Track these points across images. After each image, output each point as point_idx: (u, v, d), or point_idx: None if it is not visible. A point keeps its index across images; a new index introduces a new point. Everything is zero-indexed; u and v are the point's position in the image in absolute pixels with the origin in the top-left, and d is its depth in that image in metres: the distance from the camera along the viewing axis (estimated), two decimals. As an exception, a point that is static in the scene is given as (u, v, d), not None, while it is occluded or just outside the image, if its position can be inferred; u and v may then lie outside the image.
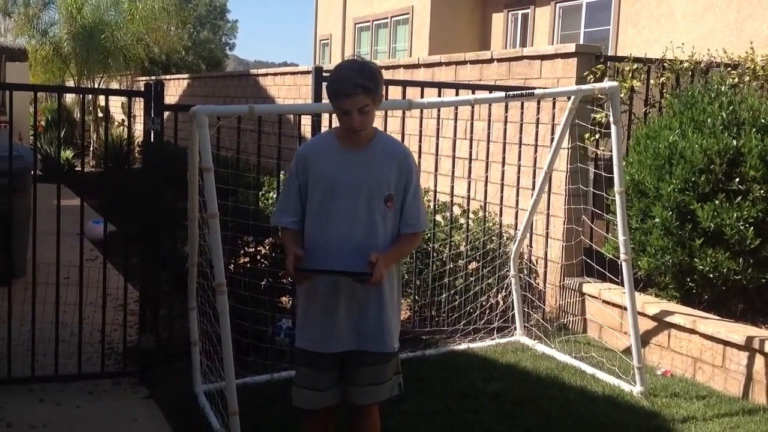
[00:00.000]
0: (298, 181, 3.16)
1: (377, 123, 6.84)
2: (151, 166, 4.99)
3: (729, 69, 6.59)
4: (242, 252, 5.56)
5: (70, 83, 17.85)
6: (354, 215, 3.06)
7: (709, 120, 5.49)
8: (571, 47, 6.41)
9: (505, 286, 6.19)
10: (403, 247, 3.20)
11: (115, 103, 19.52)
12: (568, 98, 5.43)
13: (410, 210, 3.14)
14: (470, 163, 6.31)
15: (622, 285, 5.05)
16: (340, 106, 3.00)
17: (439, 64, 8.02)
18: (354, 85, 2.94)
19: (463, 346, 5.72)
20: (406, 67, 8.60)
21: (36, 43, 17.38)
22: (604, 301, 5.94)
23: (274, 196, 6.34)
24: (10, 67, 14.08)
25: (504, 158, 6.36)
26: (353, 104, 2.97)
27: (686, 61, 6.64)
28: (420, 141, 6.04)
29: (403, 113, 6.03)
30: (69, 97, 21.29)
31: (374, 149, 3.13)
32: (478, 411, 4.47)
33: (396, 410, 4.19)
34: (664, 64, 6.62)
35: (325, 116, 5.73)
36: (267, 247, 5.65)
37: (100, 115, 17.47)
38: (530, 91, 5.37)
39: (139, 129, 10.44)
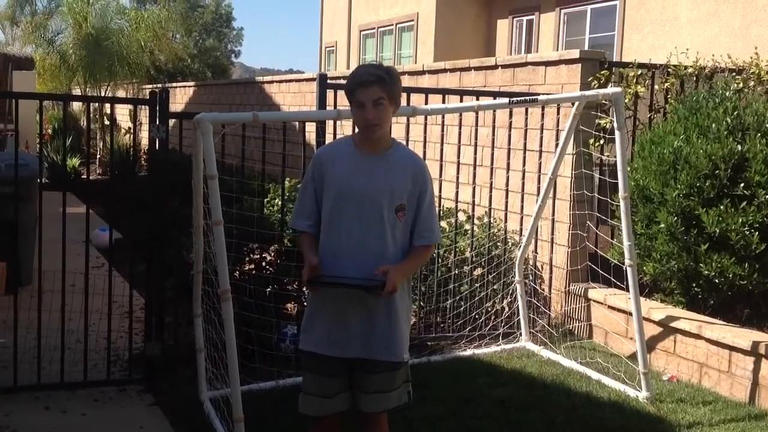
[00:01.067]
0: (313, 184, 3.17)
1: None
2: (156, 173, 5.01)
3: (734, 74, 6.58)
4: (247, 259, 5.57)
5: (77, 91, 17.93)
6: (364, 222, 3.06)
7: (713, 125, 5.48)
8: (575, 53, 6.42)
9: (510, 292, 6.19)
10: (416, 259, 3.18)
11: (122, 111, 19.59)
12: (573, 104, 5.43)
13: (424, 222, 3.14)
14: (475, 169, 6.32)
15: (628, 290, 5.04)
16: (356, 97, 3.01)
17: (444, 70, 8.03)
18: (369, 74, 2.98)
19: (468, 352, 5.71)
20: (411, 73, 8.61)
21: (43, 52, 17.46)
22: (609, 307, 5.94)
23: (279, 203, 6.36)
24: (17, 75, 14.17)
25: (508, 164, 6.37)
26: (368, 95, 2.98)
27: (691, 66, 6.64)
28: (424, 147, 6.04)
29: (408, 120, 6.03)
30: (76, 106, 21.37)
31: (390, 158, 3.13)
32: (483, 417, 4.47)
33: (400, 417, 4.19)
34: (669, 69, 6.62)
35: (330, 123, 5.75)
36: (272, 254, 5.66)
37: (107, 123, 17.53)
38: (534, 97, 5.38)
39: (145, 137, 10.49)
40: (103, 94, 17.31)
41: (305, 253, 3.13)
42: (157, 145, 4.88)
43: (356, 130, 3.17)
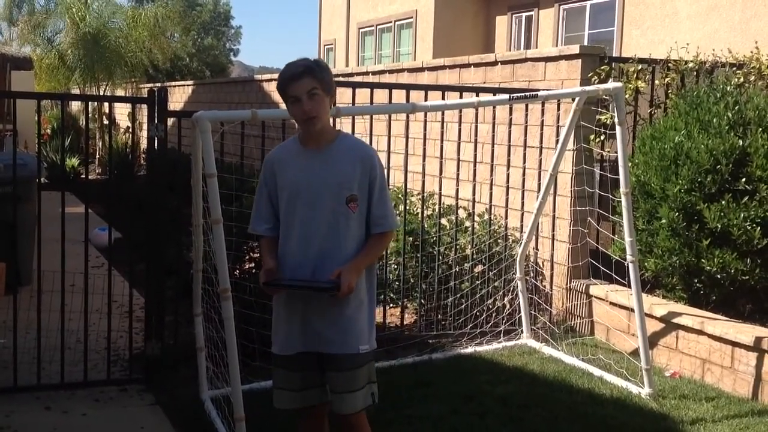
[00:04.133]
0: (266, 188, 3.21)
1: (381, 126, 6.84)
2: (155, 172, 4.99)
3: (734, 69, 6.57)
4: (247, 257, 5.56)
5: (76, 91, 17.90)
6: (316, 218, 3.07)
7: (714, 120, 5.46)
8: (575, 49, 6.40)
9: (511, 288, 6.18)
10: (371, 250, 3.17)
11: (121, 111, 19.57)
12: (573, 100, 5.41)
13: (377, 209, 3.13)
14: (475, 165, 6.30)
15: (629, 287, 5.03)
16: (289, 93, 3.02)
17: (443, 67, 8.01)
18: (297, 66, 3.01)
19: (469, 350, 5.70)
20: (410, 70, 8.60)
21: (41, 52, 17.42)
22: (611, 303, 5.92)
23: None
24: (15, 75, 14.12)
25: (509, 161, 6.35)
26: (301, 88, 2.99)
27: (691, 61, 6.62)
28: (424, 144, 6.03)
29: (407, 117, 6.01)
30: (75, 105, 21.33)
31: (336, 150, 3.13)
32: (485, 415, 4.45)
33: (401, 415, 4.17)
34: (669, 64, 6.60)
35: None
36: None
37: (106, 122, 17.51)
38: (534, 93, 5.35)
39: (144, 136, 10.50)
40: (101, 93, 17.27)
41: (263, 256, 3.18)
42: (155, 144, 4.86)
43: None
